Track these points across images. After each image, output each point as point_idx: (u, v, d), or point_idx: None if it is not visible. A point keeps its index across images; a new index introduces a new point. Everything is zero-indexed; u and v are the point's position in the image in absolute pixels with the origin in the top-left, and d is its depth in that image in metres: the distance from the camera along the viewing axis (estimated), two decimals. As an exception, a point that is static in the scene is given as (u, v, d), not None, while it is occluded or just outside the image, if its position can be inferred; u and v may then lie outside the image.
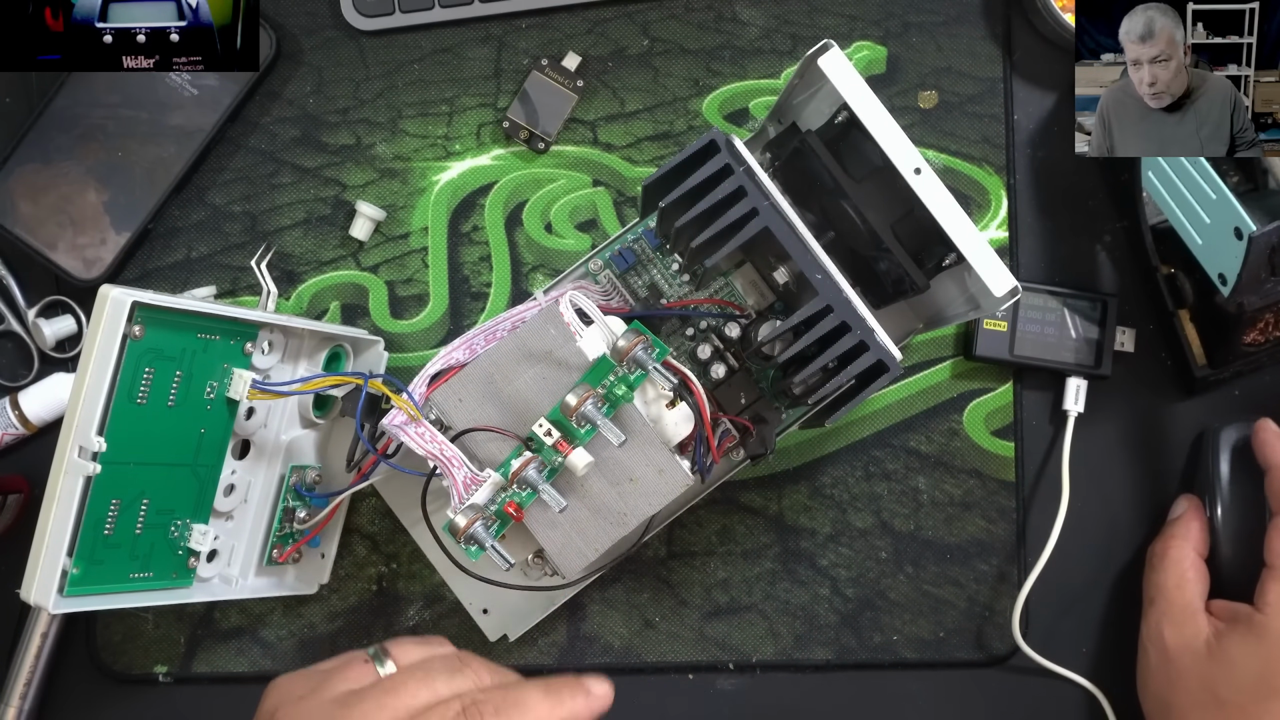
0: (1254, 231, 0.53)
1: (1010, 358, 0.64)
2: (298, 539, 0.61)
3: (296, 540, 0.60)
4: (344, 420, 0.62)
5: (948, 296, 0.58)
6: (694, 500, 0.63)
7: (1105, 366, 0.64)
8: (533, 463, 0.53)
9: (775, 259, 0.55)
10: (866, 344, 0.51)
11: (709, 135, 0.52)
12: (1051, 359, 0.64)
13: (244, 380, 0.54)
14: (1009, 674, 0.65)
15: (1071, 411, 0.64)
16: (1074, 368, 0.64)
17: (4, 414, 0.63)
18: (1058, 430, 0.65)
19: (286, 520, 0.60)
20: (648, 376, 0.53)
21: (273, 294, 0.62)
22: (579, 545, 0.54)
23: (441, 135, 0.66)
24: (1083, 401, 0.64)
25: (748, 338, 0.59)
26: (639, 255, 0.62)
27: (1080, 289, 0.65)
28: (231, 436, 0.56)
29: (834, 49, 0.52)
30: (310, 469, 0.61)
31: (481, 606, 0.63)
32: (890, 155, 0.52)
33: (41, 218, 0.63)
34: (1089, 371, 0.64)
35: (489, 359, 0.55)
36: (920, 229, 0.53)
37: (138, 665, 0.64)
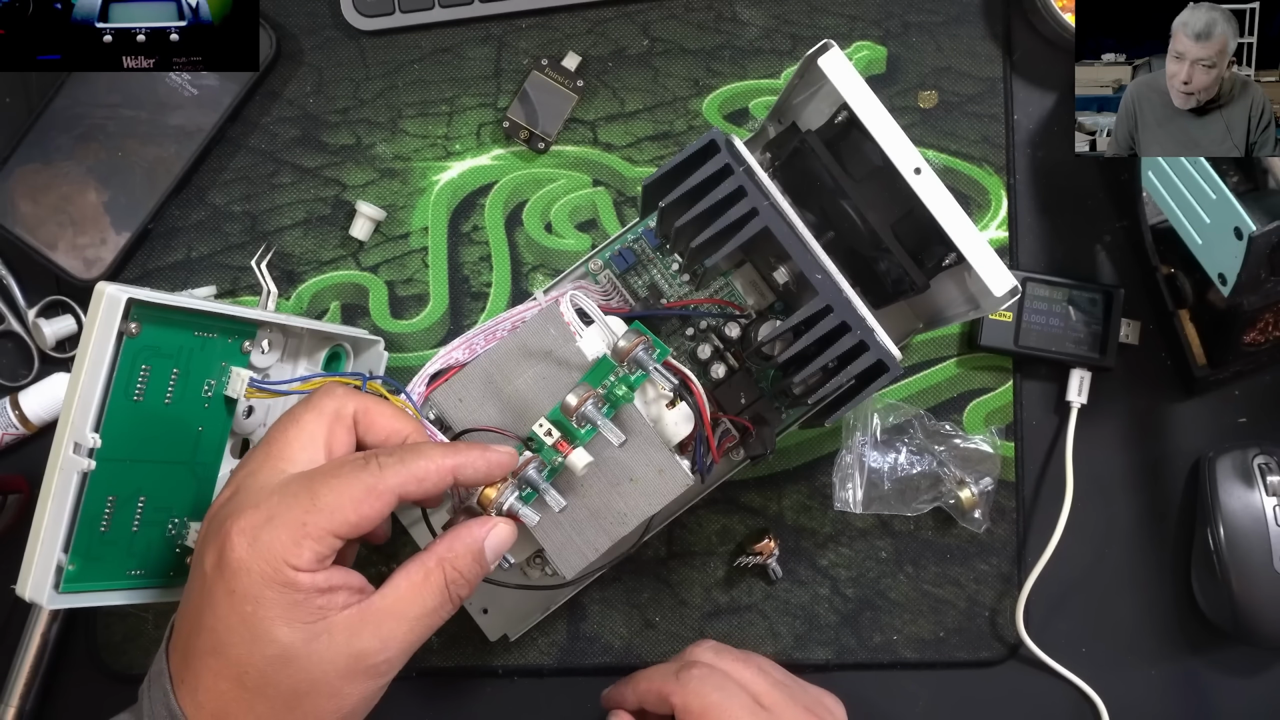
0: (1254, 231, 0.53)
1: (1015, 348, 0.64)
2: None
3: None
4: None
5: (948, 296, 0.58)
6: (694, 500, 0.63)
7: (1110, 357, 0.64)
8: (532, 463, 0.53)
9: (775, 259, 0.55)
10: (866, 344, 0.51)
11: (709, 135, 0.52)
12: (1056, 350, 0.64)
13: (242, 379, 0.54)
14: (1009, 674, 0.65)
15: (1075, 403, 0.64)
16: (1078, 358, 0.64)
17: (4, 414, 0.63)
18: (1060, 424, 0.65)
19: None
20: (648, 377, 0.53)
21: (273, 294, 0.62)
22: (578, 545, 0.54)
23: (441, 135, 0.66)
24: (1086, 393, 0.64)
25: (748, 338, 0.59)
26: (639, 255, 0.63)
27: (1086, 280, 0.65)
28: (230, 435, 0.56)
29: (834, 49, 0.52)
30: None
31: (481, 606, 0.63)
32: (890, 155, 0.52)
33: (42, 218, 0.63)
34: (1093, 362, 0.64)
35: (489, 359, 0.55)
36: (920, 229, 0.53)
37: (138, 665, 0.64)
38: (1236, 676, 0.66)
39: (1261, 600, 0.61)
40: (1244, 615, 0.62)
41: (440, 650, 0.64)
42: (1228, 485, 0.63)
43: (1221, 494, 0.63)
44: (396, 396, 0.55)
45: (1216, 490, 0.63)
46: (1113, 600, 0.65)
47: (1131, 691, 0.65)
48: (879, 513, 0.64)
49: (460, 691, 0.65)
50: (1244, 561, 0.61)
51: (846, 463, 0.63)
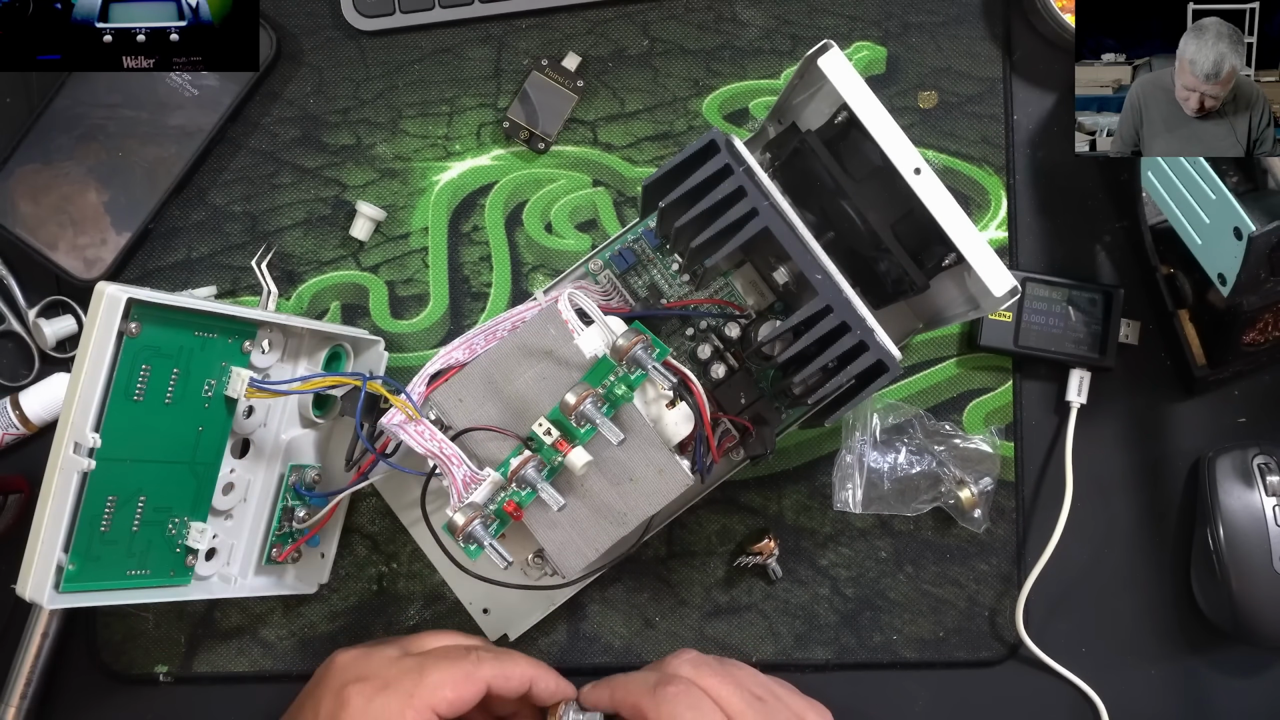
0: (1253, 231, 0.53)
1: (1015, 348, 0.64)
2: (297, 538, 0.61)
3: (296, 539, 0.60)
4: (344, 420, 0.62)
5: (948, 296, 0.58)
6: (694, 500, 0.63)
7: (1110, 357, 0.64)
8: (531, 461, 0.53)
9: (775, 259, 0.55)
10: (866, 344, 0.51)
11: (709, 135, 0.52)
12: (1055, 350, 0.64)
13: (242, 379, 0.54)
14: (1008, 674, 0.65)
15: (1075, 403, 0.64)
16: (1078, 358, 0.64)
17: (4, 414, 0.63)
18: (1059, 424, 0.65)
19: (286, 519, 0.60)
20: (647, 376, 0.53)
21: (273, 294, 0.62)
22: (579, 545, 0.54)
23: (442, 135, 0.66)
24: (1086, 393, 0.64)
25: (748, 338, 0.59)
26: (639, 255, 0.63)
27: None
28: (230, 435, 0.56)
29: (834, 49, 0.52)
30: (310, 468, 0.61)
31: (482, 606, 0.63)
32: (890, 155, 0.52)
33: (42, 218, 0.63)
34: (1093, 362, 0.64)
35: (489, 358, 0.55)
36: (920, 229, 0.53)
37: (138, 665, 0.64)
38: (1236, 677, 0.66)
39: (1261, 600, 0.61)
40: (1244, 615, 0.62)
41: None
42: (1227, 485, 0.63)
43: (1221, 494, 0.63)
44: (397, 396, 0.55)
45: (1216, 490, 0.63)
46: (1112, 600, 0.65)
47: (1131, 691, 0.65)
48: (879, 513, 0.64)
49: (460, 691, 0.65)
50: (1244, 561, 0.61)
51: (847, 463, 0.63)
